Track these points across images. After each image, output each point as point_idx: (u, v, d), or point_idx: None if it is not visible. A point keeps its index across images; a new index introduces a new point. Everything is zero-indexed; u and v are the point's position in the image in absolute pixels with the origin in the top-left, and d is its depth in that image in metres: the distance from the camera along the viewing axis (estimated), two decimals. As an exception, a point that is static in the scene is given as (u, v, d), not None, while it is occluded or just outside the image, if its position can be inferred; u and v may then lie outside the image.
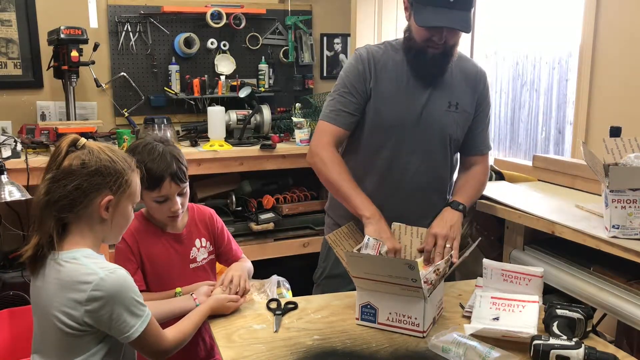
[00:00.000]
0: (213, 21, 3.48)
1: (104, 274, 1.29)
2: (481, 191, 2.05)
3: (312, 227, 3.36)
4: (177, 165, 1.70)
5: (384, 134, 1.92)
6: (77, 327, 1.30)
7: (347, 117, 1.91)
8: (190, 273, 1.83)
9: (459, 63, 1.96)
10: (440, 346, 1.41)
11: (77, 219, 1.36)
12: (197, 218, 1.87)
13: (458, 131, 1.96)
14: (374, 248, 1.74)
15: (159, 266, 1.79)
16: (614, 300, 1.68)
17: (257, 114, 3.37)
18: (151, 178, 1.65)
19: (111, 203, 1.37)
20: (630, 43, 2.15)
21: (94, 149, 1.37)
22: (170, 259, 1.80)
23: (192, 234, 1.85)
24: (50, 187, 1.34)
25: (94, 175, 1.34)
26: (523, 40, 3.05)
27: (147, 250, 1.78)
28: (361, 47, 1.99)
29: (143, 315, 1.34)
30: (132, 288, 1.33)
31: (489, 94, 2.03)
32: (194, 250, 1.85)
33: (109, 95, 3.44)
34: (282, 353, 1.43)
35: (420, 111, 1.90)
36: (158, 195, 1.69)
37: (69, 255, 1.33)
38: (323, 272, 2.12)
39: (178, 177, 1.70)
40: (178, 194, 1.72)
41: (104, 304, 1.28)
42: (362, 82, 1.91)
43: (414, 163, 1.93)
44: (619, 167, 1.65)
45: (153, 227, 1.80)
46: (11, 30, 3.19)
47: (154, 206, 1.73)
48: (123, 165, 1.39)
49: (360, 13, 3.51)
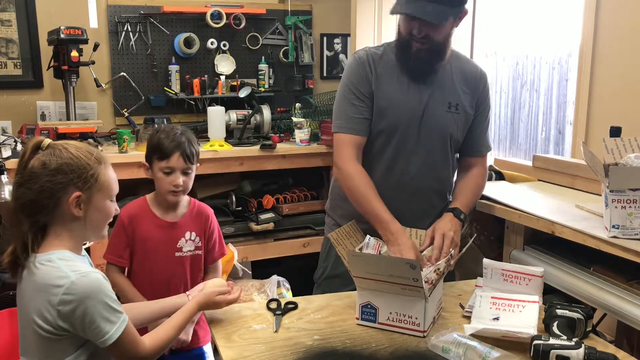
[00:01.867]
0: (213, 21, 3.49)
1: (75, 277, 1.26)
2: (479, 195, 2.05)
3: (312, 227, 3.36)
4: (189, 146, 1.92)
5: (386, 135, 1.92)
6: (52, 330, 1.28)
7: (361, 123, 1.90)
8: (173, 260, 1.97)
9: (458, 64, 1.96)
10: (440, 346, 1.41)
11: (51, 220, 1.34)
12: (195, 212, 2.02)
13: (458, 132, 1.96)
14: (374, 248, 1.74)
15: (146, 247, 1.95)
16: (614, 300, 1.68)
17: (257, 114, 3.36)
18: (163, 149, 1.89)
19: (81, 199, 1.34)
20: (630, 43, 2.15)
21: (56, 148, 1.35)
22: (158, 242, 1.95)
23: (185, 225, 1.99)
24: (17, 192, 1.33)
25: (56, 174, 1.32)
26: (523, 40, 3.05)
27: (140, 230, 1.95)
28: (360, 50, 1.99)
29: (117, 322, 1.30)
30: (105, 292, 1.29)
31: (489, 95, 2.03)
32: (182, 240, 1.98)
33: (109, 95, 3.44)
34: (282, 353, 1.43)
35: (422, 112, 1.90)
36: (166, 166, 1.89)
37: (44, 258, 1.31)
38: (323, 272, 2.12)
39: (186, 155, 1.90)
40: (183, 171, 1.91)
41: (75, 307, 1.25)
42: (367, 84, 1.90)
43: (415, 164, 1.93)
44: (619, 167, 1.65)
45: (151, 212, 1.97)
46: (11, 30, 3.19)
47: (160, 176, 1.91)
48: (87, 160, 1.35)
49: (360, 13, 3.51)
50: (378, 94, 1.90)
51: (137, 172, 2.86)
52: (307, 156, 3.19)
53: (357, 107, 1.90)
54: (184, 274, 1.98)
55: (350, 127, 1.90)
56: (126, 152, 2.86)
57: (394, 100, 1.90)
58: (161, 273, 1.95)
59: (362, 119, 1.90)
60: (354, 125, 1.90)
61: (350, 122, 1.90)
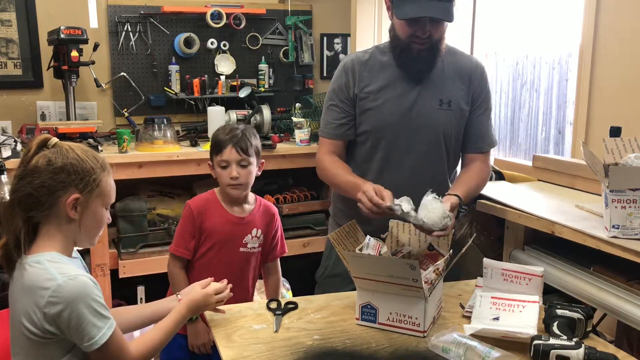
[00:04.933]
0: (213, 21, 3.48)
1: (62, 280, 1.25)
2: (478, 189, 2.01)
3: (312, 227, 3.36)
4: (244, 139, 2.00)
5: (375, 137, 1.94)
6: (39, 333, 1.28)
7: (338, 128, 1.99)
8: (238, 255, 2.05)
9: (451, 58, 1.95)
10: (440, 346, 1.41)
11: (45, 220, 1.34)
12: (262, 210, 2.11)
13: (453, 129, 1.95)
14: (374, 248, 1.74)
15: (213, 239, 2.01)
16: (614, 300, 1.68)
17: (257, 114, 3.36)
18: (219, 143, 1.99)
19: (79, 202, 1.34)
20: (630, 43, 2.15)
21: (63, 148, 1.35)
22: (226, 235, 2.01)
23: (252, 222, 2.07)
24: (17, 185, 1.32)
25: (59, 173, 1.32)
26: (523, 40, 3.05)
27: (209, 222, 2.01)
28: (348, 56, 2.04)
29: (104, 327, 1.29)
30: (92, 296, 1.28)
31: (486, 88, 2.00)
32: (249, 236, 2.05)
33: (109, 95, 3.44)
34: (282, 353, 1.43)
35: (409, 111, 1.91)
36: (220, 159, 1.99)
37: (34, 259, 1.30)
38: (325, 271, 2.14)
39: (240, 147, 1.98)
40: (239, 164, 1.98)
41: (61, 310, 1.25)
42: (346, 91, 1.96)
43: (407, 164, 1.93)
44: (619, 167, 1.65)
45: (220, 205, 2.04)
46: (11, 30, 3.19)
47: (219, 172, 2.01)
48: (92, 165, 1.36)
49: (360, 13, 3.51)
50: (362, 96, 1.93)
51: (137, 172, 2.86)
52: (307, 156, 3.19)
53: (335, 113, 1.99)
54: (245, 270, 2.04)
55: (328, 132, 2.01)
56: (126, 152, 2.86)
57: (380, 101, 1.91)
58: (223, 267, 1.99)
59: (339, 125, 1.98)
60: (331, 129, 2.00)
61: (328, 127, 2.01)
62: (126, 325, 1.55)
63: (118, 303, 2.93)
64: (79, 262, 1.43)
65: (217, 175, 2.03)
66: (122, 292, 3.00)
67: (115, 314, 1.41)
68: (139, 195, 3.08)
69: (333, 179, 1.98)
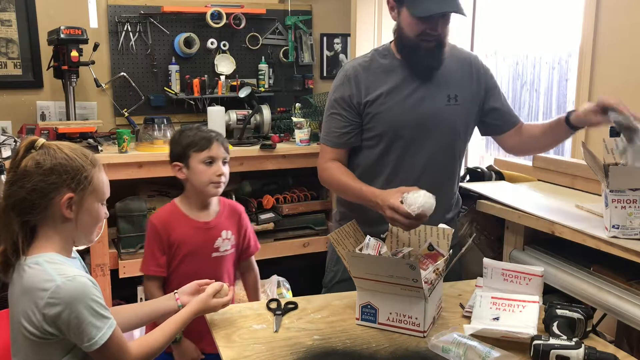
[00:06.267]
0: (213, 21, 3.49)
1: (61, 281, 1.25)
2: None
3: (312, 227, 3.36)
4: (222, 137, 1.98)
5: (388, 139, 1.92)
6: (38, 334, 1.27)
7: (341, 137, 1.96)
8: (211, 261, 1.97)
9: (451, 52, 1.95)
10: (440, 346, 1.41)
11: (42, 222, 1.33)
12: (227, 210, 2.03)
13: (462, 124, 1.95)
14: (374, 248, 1.74)
15: (183, 250, 1.94)
16: (614, 300, 1.68)
17: (257, 114, 3.36)
18: (203, 139, 1.91)
19: (73, 201, 1.33)
20: (630, 43, 2.15)
21: (51, 148, 1.34)
22: (195, 244, 1.94)
23: (220, 224, 1.99)
24: (8, 190, 1.32)
25: (50, 174, 1.31)
26: (523, 40, 3.05)
27: (176, 235, 1.93)
28: (348, 63, 2.02)
29: (104, 327, 1.29)
30: (91, 297, 1.27)
31: (489, 72, 2.02)
32: (219, 240, 1.98)
33: (109, 95, 3.44)
34: (282, 353, 1.43)
35: (418, 111, 1.90)
36: (207, 156, 1.91)
37: (32, 261, 1.30)
38: (335, 276, 2.08)
39: (223, 144, 1.95)
40: (223, 161, 1.95)
41: (60, 311, 1.24)
42: (349, 100, 1.93)
43: (420, 163, 1.93)
44: (619, 167, 1.65)
45: (183, 215, 1.96)
46: (11, 30, 3.19)
47: (201, 169, 1.91)
48: (82, 162, 1.35)
49: (360, 13, 3.51)
50: (369, 102, 1.92)
51: (137, 172, 2.86)
52: (307, 156, 3.19)
53: (338, 121, 1.96)
54: (221, 275, 1.97)
55: (330, 140, 1.99)
56: (126, 152, 2.86)
57: (387, 104, 1.90)
58: (199, 276, 1.82)
59: (342, 133, 1.96)
60: (334, 138, 1.98)
61: (331, 135, 1.98)
62: (126, 324, 1.55)
63: (118, 303, 2.93)
64: (78, 263, 1.43)
65: (196, 175, 1.92)
66: (122, 292, 3.00)
67: (116, 313, 1.41)
68: (139, 195, 3.08)
69: (342, 187, 1.93)
